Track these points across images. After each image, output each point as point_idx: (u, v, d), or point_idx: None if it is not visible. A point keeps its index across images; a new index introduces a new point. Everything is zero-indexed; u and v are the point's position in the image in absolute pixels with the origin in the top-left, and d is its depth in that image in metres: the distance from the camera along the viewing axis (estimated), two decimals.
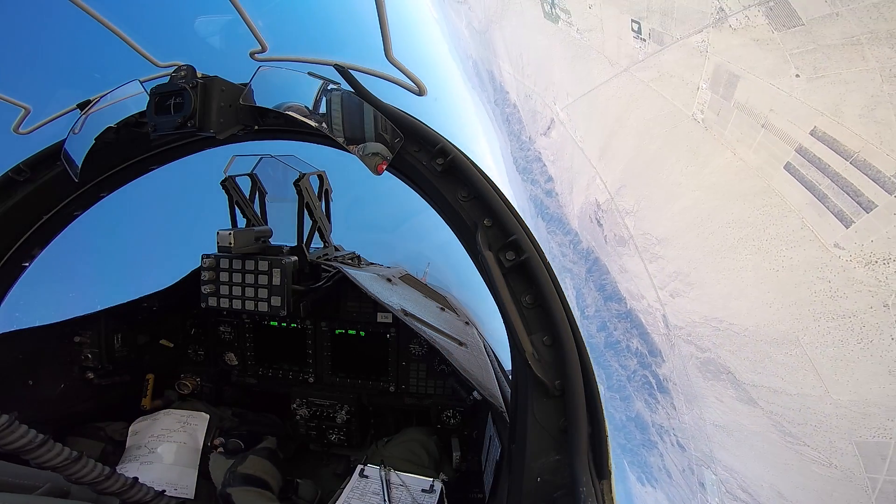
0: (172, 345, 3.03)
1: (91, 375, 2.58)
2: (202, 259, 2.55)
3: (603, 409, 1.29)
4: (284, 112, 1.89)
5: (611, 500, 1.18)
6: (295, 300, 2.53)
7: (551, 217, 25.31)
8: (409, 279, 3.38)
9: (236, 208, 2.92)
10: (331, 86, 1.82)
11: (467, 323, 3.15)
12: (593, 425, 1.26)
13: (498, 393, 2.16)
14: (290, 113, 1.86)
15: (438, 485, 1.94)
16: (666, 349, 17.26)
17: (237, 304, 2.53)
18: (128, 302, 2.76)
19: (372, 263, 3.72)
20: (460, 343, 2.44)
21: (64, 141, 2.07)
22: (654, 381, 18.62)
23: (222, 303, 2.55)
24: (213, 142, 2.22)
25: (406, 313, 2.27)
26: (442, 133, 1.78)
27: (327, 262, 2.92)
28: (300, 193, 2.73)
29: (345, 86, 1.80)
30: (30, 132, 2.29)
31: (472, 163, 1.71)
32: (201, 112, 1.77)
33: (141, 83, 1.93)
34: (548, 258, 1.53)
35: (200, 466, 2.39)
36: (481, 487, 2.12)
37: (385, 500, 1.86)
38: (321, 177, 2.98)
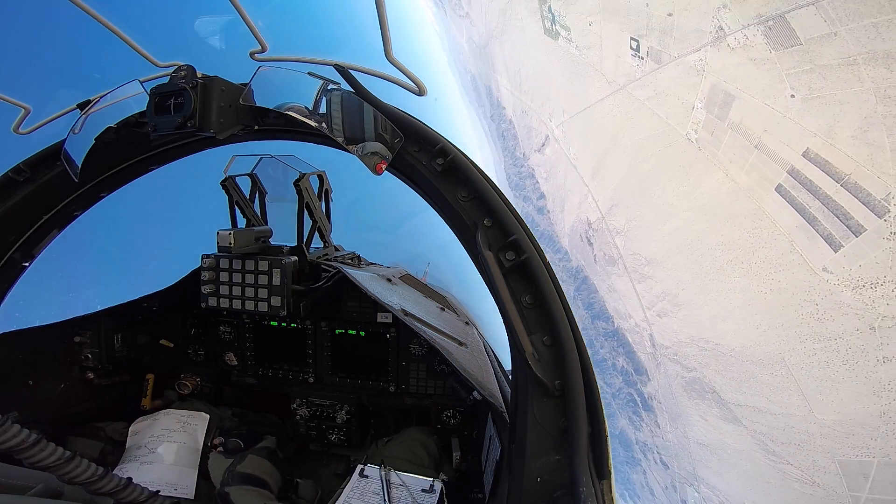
0: (172, 345, 3.03)
1: (91, 375, 2.58)
2: (202, 259, 2.55)
3: (603, 409, 1.29)
4: (284, 112, 1.89)
5: (611, 500, 1.18)
6: (295, 300, 2.53)
7: (542, 234, 25.15)
8: (409, 279, 3.38)
9: (236, 208, 2.92)
10: (331, 86, 1.82)
11: (467, 323, 3.15)
12: (593, 425, 1.26)
13: (498, 393, 2.15)
14: (290, 113, 1.86)
15: (438, 485, 1.94)
16: (652, 368, 17.27)
17: (237, 304, 2.53)
18: (128, 302, 2.76)
19: (372, 263, 3.72)
20: (460, 343, 2.44)
21: (64, 141, 2.06)
22: (639, 399, 18.61)
23: (222, 303, 2.55)
24: (213, 142, 2.22)
25: (406, 313, 2.27)
26: None
27: (327, 262, 2.92)
28: (300, 193, 2.72)
29: (345, 86, 1.80)
30: (30, 132, 2.29)
31: (472, 163, 1.71)
32: (201, 112, 1.77)
33: (141, 83, 1.93)
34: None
35: (200, 466, 2.39)
36: (481, 487, 2.12)
37: (385, 500, 1.86)
38: (321, 177, 2.98)
